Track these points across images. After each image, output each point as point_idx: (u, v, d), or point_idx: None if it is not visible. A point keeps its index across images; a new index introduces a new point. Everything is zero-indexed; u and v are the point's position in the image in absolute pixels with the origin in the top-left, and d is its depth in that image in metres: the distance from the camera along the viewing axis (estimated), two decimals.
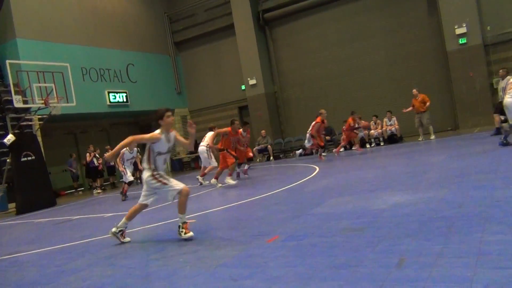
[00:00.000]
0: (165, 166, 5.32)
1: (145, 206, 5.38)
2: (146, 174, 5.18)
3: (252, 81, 20.02)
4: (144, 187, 5.28)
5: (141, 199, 5.33)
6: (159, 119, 5.14)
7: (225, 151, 10.50)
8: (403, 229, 3.89)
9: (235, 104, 21.66)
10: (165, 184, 5.05)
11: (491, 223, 3.63)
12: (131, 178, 11.53)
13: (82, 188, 19.29)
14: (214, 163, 11.49)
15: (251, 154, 10.74)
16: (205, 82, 22.62)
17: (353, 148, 15.56)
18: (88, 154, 17.25)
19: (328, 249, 3.67)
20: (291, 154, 18.29)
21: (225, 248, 4.28)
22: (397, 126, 16.01)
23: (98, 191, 16.50)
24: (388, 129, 16.15)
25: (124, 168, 11.34)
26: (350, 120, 14.21)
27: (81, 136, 21.27)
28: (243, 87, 20.71)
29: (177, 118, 22.97)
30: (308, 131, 13.63)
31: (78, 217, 9.42)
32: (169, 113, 5.15)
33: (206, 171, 11.62)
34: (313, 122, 13.42)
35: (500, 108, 10.45)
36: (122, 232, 5.40)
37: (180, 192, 4.98)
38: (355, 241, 3.77)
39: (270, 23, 20.47)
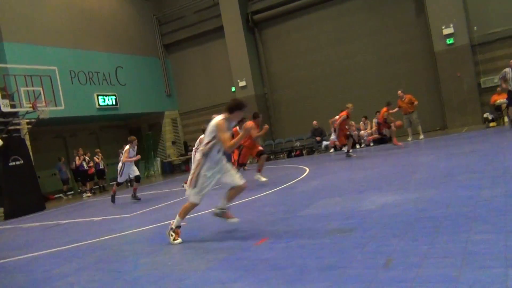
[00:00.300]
0: (219, 156, 4.83)
1: (238, 187, 4.86)
2: (197, 156, 4.95)
3: (242, 83, 20.02)
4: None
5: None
6: (235, 110, 4.77)
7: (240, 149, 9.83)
8: (390, 229, 3.93)
9: (225, 106, 21.56)
10: (193, 183, 4.82)
11: (478, 222, 3.68)
12: (121, 181, 11.18)
13: (72, 192, 19.13)
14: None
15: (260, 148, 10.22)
16: (195, 84, 22.56)
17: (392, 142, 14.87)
18: (77, 157, 17.09)
19: (316, 250, 3.69)
20: (281, 156, 18.28)
21: (214, 251, 4.28)
22: None
23: (88, 194, 16.37)
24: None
25: (123, 168, 10.89)
26: (385, 110, 13.42)
27: (70, 139, 21.08)
28: (233, 89, 20.67)
29: (167, 120, 22.89)
30: (332, 127, 13.10)
31: (67, 221, 9.33)
32: (243, 111, 4.84)
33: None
34: (337, 117, 12.76)
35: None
36: (224, 212, 5.12)
37: (192, 202, 4.87)
38: (343, 242, 3.79)
39: (260, 25, 20.48)
